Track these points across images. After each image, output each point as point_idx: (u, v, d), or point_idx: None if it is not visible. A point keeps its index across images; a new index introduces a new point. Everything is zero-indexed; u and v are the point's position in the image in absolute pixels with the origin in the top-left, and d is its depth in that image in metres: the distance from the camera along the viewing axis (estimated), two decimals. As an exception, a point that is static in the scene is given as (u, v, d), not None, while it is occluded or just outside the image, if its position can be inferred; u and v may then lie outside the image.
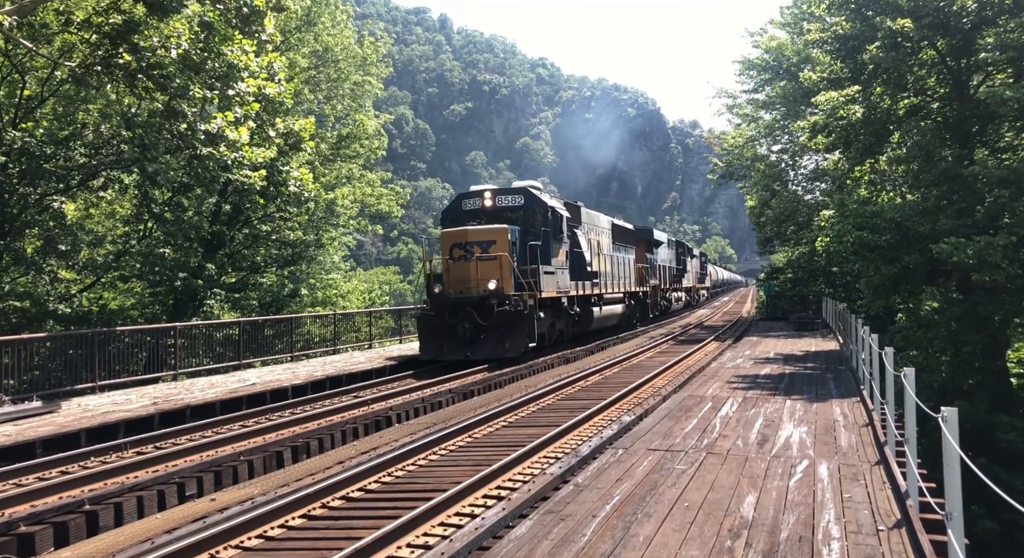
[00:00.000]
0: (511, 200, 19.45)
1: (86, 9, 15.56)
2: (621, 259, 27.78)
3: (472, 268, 17.50)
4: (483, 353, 17.19)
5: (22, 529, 6.15)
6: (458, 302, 17.42)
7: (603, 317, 24.52)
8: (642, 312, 32.01)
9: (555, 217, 19.81)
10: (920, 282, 20.60)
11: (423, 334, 17.91)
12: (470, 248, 17.66)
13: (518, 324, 17.22)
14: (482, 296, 17.22)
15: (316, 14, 29.12)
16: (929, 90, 21.05)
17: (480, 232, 18.03)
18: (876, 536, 5.39)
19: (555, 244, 19.68)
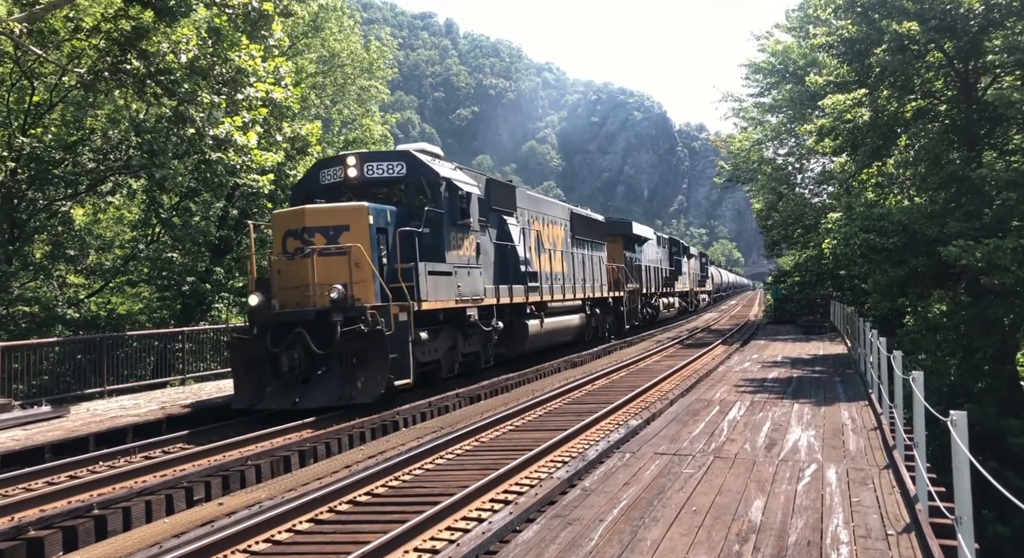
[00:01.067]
0: (387, 169, 13.87)
1: (95, 15, 15.67)
2: (584, 258, 22.90)
3: (309, 267, 11.76)
4: (319, 398, 11.39)
5: (31, 533, 6.17)
6: (284, 320, 11.70)
7: (548, 332, 18.82)
8: (614, 323, 26.24)
9: (454, 194, 14.08)
10: (928, 285, 20.52)
11: (236, 369, 12.23)
12: (310, 237, 11.99)
13: (375, 352, 11.38)
14: (320, 310, 11.52)
15: (323, 20, 29.22)
16: (936, 93, 21.00)
17: (325, 213, 12.32)
18: (885, 540, 5.36)
19: (455, 233, 14.10)
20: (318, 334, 11.41)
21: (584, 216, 24.43)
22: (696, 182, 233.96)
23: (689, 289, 45.96)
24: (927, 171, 20.97)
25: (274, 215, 13.27)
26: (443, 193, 13.86)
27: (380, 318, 11.55)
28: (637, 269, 30.03)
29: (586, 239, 23.42)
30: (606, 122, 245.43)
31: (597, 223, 25.74)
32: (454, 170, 14.98)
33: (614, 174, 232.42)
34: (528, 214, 18.64)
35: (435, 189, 13.78)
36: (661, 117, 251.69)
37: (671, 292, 38.22)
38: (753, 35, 36.75)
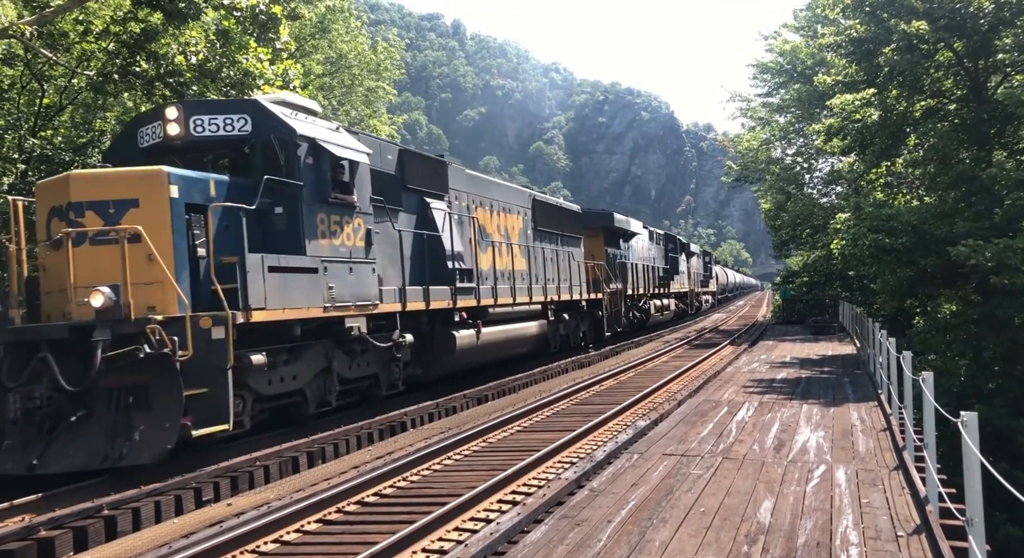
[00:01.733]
0: (223, 125, 9.93)
1: (104, 18, 15.75)
2: (551, 253, 19.21)
3: (65, 262, 8.20)
4: (69, 459, 7.71)
5: (42, 534, 6.21)
6: (22, 340, 8.24)
7: (489, 344, 15.01)
8: (592, 329, 22.67)
9: (322, 161, 10.18)
10: (938, 285, 20.43)
11: None
12: (78, 217, 8.43)
13: (162, 388, 7.83)
14: (76, 325, 8.01)
15: (330, 21, 29.32)
16: (946, 92, 20.89)
17: (99, 182, 8.72)
18: (895, 542, 5.34)
19: (326, 214, 10.28)
20: (73, 361, 7.79)
21: (552, 205, 20.91)
22: (704, 182, 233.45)
23: (689, 289, 41.61)
24: (936, 171, 20.86)
25: (37, 186, 9.46)
26: (303, 159, 9.92)
27: (173, 337, 7.89)
28: (622, 267, 26.31)
29: (555, 232, 19.97)
30: (613, 122, 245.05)
31: (570, 214, 22.06)
32: (334, 131, 11.03)
33: (621, 174, 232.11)
34: (468, 198, 15.27)
35: (291, 152, 9.82)
36: (669, 117, 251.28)
37: (666, 293, 34.17)
38: (761, 35, 36.83)
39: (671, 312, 35.46)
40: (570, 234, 21.41)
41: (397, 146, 13.60)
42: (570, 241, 21.30)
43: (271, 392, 9.54)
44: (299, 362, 10.04)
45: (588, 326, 22.50)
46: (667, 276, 34.73)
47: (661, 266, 34.00)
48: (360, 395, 11.87)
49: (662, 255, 34.78)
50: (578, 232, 22.25)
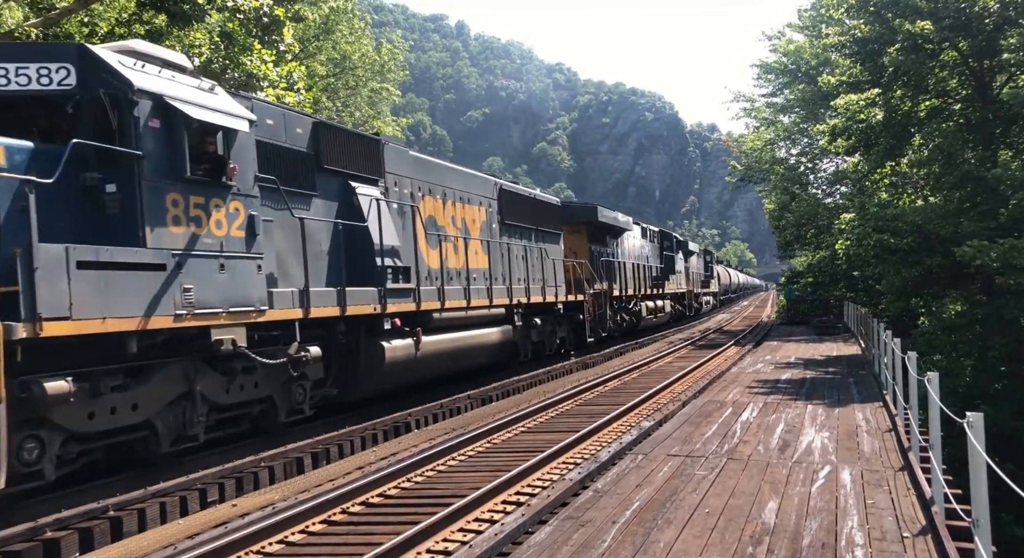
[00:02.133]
0: (37, 76, 7.56)
1: (109, 20, 15.81)
2: (520, 250, 17.19)
3: None
4: None
5: (48, 534, 6.23)
6: None
7: (433, 356, 12.80)
8: (572, 334, 20.44)
9: (176, 126, 7.98)
10: (943, 285, 20.37)
11: None
12: None
13: None
14: None
15: (334, 22, 29.38)
16: (951, 92, 20.84)
17: None
18: (901, 543, 5.33)
19: (184, 194, 8.01)
20: None
21: (524, 196, 18.44)
22: (708, 183, 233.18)
23: (686, 290, 39.39)
24: (941, 171, 20.82)
25: None
26: (143, 121, 7.64)
27: None
28: (608, 266, 23.97)
29: (527, 226, 17.88)
30: (617, 123, 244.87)
31: (547, 206, 19.71)
32: (206, 91, 8.62)
33: (625, 175, 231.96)
34: (412, 185, 13.11)
35: (126, 112, 7.58)
36: (673, 117, 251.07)
37: (660, 294, 31.74)
38: (765, 35, 36.59)
39: (666, 314, 32.83)
40: (546, 229, 19.13)
41: (312, 118, 11.16)
42: (546, 237, 19.01)
43: (95, 429, 7.20)
44: (142, 387, 7.66)
45: (567, 331, 20.16)
46: (662, 276, 32.15)
47: (656, 265, 31.53)
48: (251, 423, 9.60)
49: (657, 254, 32.27)
50: (556, 227, 19.96)
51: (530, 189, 20.60)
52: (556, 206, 20.64)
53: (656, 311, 30.50)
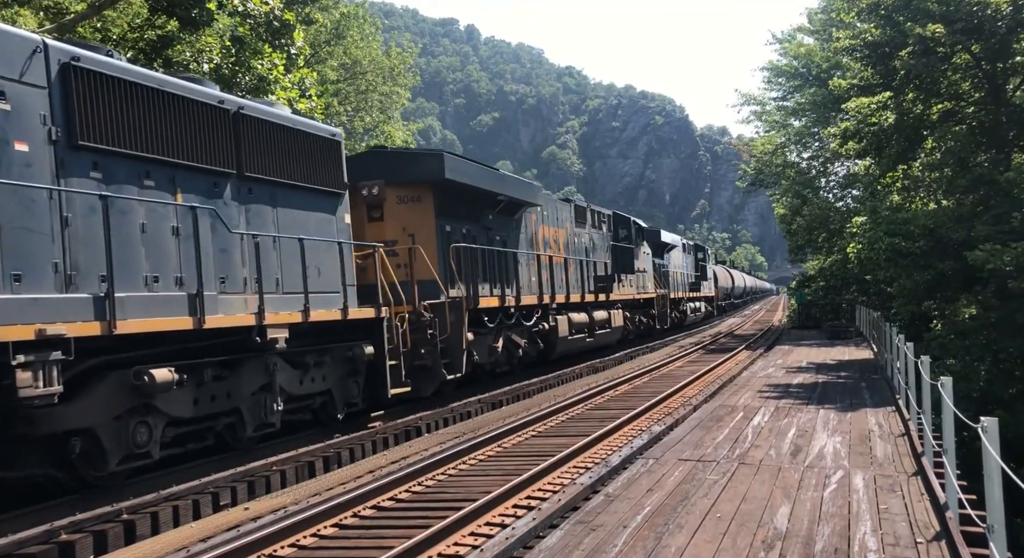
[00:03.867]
0: None
1: (122, 26, 15.94)
2: None
3: None
4: None
5: (63, 537, 6.27)
6: None
7: None
8: None
9: None
10: (955, 289, 20.24)
11: None
12: None
13: None
14: None
15: (345, 27, 29.51)
16: (964, 95, 20.73)
17: None
18: (915, 549, 5.29)
19: None
20: None
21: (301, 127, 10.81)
22: (719, 186, 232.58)
23: (655, 294, 28.35)
24: (954, 174, 20.69)
25: None
26: None
27: None
28: (501, 261, 16.16)
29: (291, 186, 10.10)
30: (627, 126, 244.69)
31: None
32: None
33: (635, 179, 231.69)
34: None
35: None
36: (683, 121, 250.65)
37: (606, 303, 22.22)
38: (775, 38, 36.49)
39: (610, 331, 22.25)
40: None
41: None
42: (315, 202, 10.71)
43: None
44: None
45: None
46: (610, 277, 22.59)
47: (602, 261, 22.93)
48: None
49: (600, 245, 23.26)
50: None
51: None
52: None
53: (593, 328, 20.67)
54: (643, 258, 27.43)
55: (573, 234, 21.18)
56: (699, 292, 39.09)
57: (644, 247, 27.80)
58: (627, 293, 24.81)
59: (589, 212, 22.78)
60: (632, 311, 25.81)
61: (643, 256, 27.45)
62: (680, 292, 34.08)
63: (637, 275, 26.27)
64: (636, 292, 26.01)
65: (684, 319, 34.40)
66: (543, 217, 18.94)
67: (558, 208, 20.34)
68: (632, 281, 25.57)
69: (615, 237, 24.77)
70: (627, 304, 24.90)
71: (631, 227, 25.93)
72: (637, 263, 26.32)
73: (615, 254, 24.17)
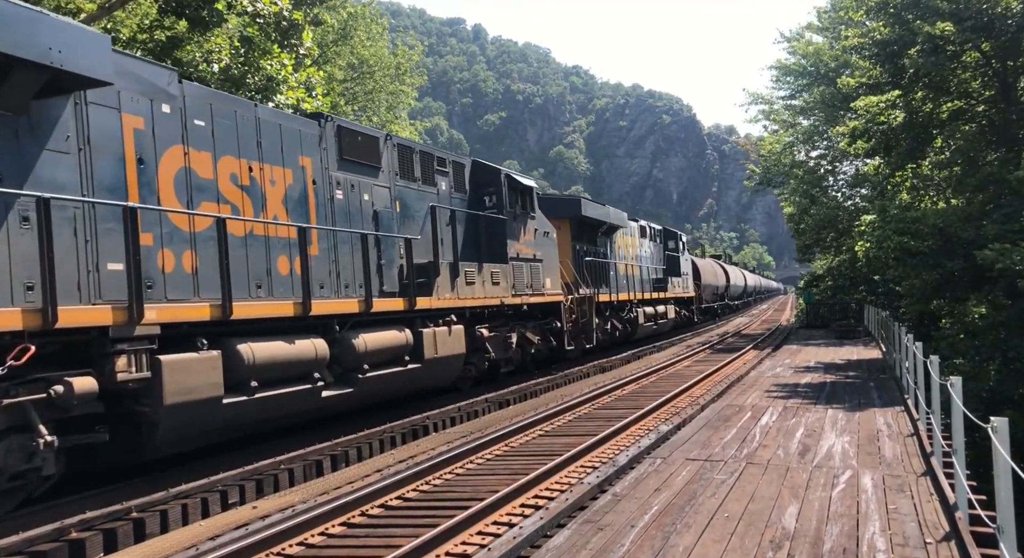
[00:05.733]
0: None
1: (131, 27, 16.01)
2: None
3: None
4: None
5: (73, 535, 6.31)
6: None
7: None
8: None
9: None
10: (965, 288, 20.13)
11: None
12: None
13: None
14: None
15: (352, 27, 29.55)
16: (973, 93, 20.60)
17: None
18: (924, 549, 5.27)
19: None
20: None
21: None
22: (726, 185, 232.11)
23: (571, 299, 18.86)
24: (963, 173, 20.58)
25: None
26: None
27: None
28: None
29: None
30: (634, 125, 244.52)
31: None
32: None
33: (642, 178, 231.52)
34: None
35: None
36: (690, 120, 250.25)
37: None
38: (783, 36, 36.33)
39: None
40: None
41: None
42: None
43: None
44: None
45: None
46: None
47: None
48: None
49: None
50: None
51: None
52: None
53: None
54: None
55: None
56: (665, 292, 28.94)
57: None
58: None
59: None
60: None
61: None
62: (630, 292, 24.57)
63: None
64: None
65: (633, 331, 24.30)
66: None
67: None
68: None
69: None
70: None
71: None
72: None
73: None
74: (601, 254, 21.91)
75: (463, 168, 15.13)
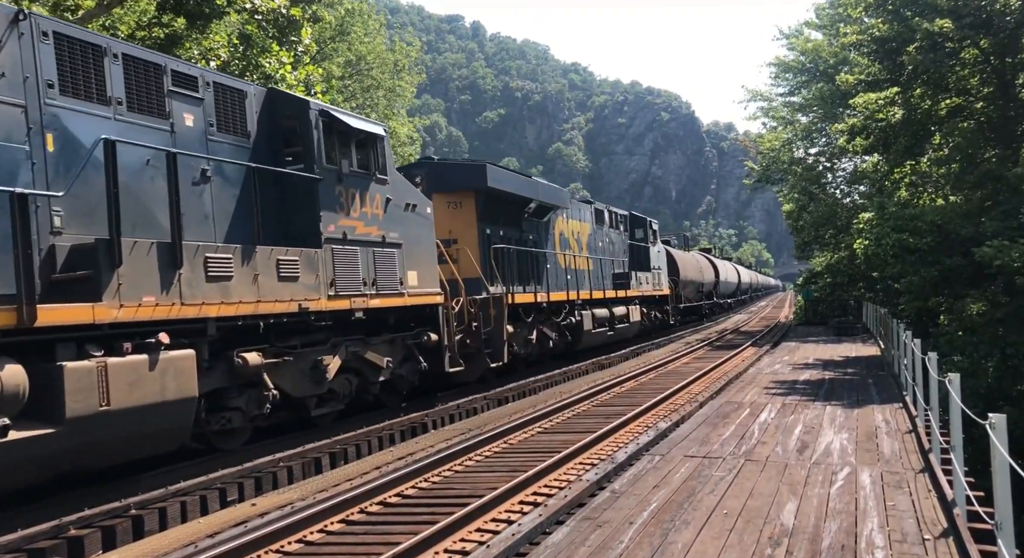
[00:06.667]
0: None
1: (129, 24, 15.99)
2: None
3: None
4: None
5: (72, 532, 6.31)
6: None
7: None
8: None
9: None
10: (963, 285, 20.15)
11: None
12: None
13: None
14: None
15: (349, 24, 29.52)
16: (972, 90, 20.60)
17: None
18: (922, 545, 5.29)
19: None
20: None
21: None
22: (725, 183, 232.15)
23: (466, 304, 13.89)
24: (961, 170, 20.59)
25: None
26: None
27: None
28: None
29: None
30: (633, 123, 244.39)
31: None
32: None
33: (641, 175, 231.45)
34: None
35: None
36: (689, 117, 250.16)
37: None
38: (782, 33, 36.33)
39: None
40: None
41: None
42: None
43: None
44: None
45: None
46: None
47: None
48: None
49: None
50: None
51: None
52: None
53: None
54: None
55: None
56: (627, 290, 23.53)
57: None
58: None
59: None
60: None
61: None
62: (574, 290, 19.24)
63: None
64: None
65: (576, 340, 19.23)
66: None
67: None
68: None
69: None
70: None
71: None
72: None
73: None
74: (529, 241, 17.00)
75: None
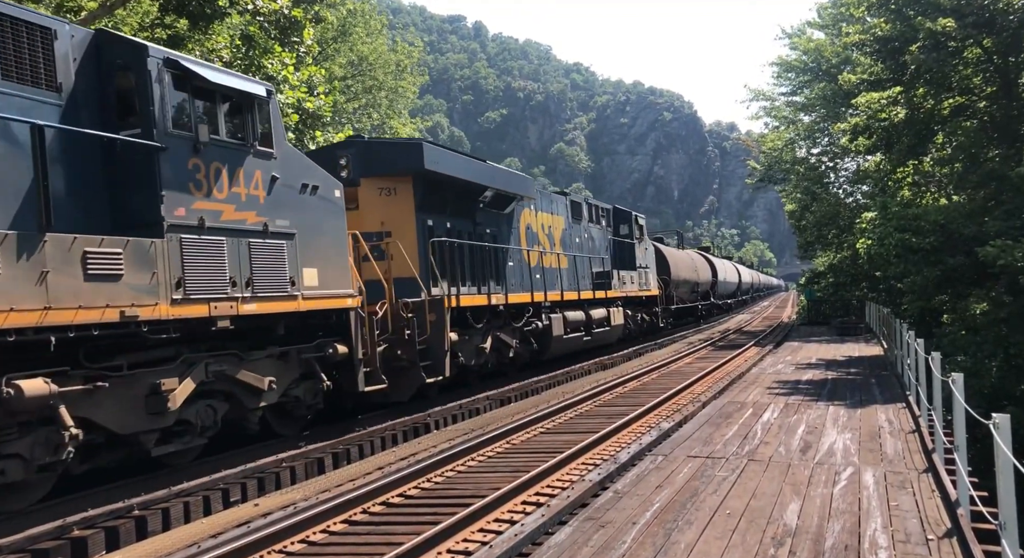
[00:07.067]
0: None
1: (132, 25, 16.00)
2: None
3: None
4: None
5: (75, 533, 6.32)
6: None
7: None
8: None
9: None
10: (966, 285, 20.12)
11: None
12: None
13: None
14: None
15: (351, 24, 29.54)
16: (975, 89, 20.57)
17: None
18: (926, 545, 5.27)
19: None
20: None
21: None
22: (727, 182, 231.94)
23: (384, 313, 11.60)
24: (964, 170, 20.56)
25: None
26: None
27: None
28: None
29: None
30: (635, 123, 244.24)
31: None
32: None
33: (644, 175, 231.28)
34: None
35: None
36: (691, 117, 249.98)
37: None
38: (784, 33, 36.29)
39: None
40: None
41: None
42: None
43: None
44: None
45: None
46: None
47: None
48: None
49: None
50: None
51: None
52: None
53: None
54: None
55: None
56: (609, 291, 21.42)
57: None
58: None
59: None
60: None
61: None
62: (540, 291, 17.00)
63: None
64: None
65: (544, 348, 17.20)
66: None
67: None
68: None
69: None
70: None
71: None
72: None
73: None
74: (486, 235, 15.07)
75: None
